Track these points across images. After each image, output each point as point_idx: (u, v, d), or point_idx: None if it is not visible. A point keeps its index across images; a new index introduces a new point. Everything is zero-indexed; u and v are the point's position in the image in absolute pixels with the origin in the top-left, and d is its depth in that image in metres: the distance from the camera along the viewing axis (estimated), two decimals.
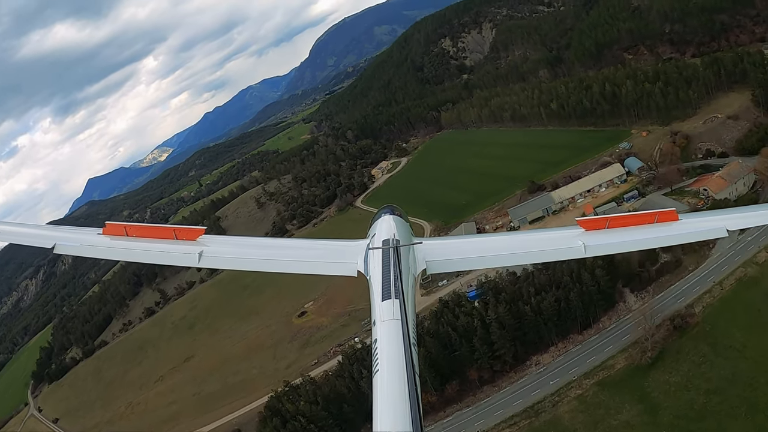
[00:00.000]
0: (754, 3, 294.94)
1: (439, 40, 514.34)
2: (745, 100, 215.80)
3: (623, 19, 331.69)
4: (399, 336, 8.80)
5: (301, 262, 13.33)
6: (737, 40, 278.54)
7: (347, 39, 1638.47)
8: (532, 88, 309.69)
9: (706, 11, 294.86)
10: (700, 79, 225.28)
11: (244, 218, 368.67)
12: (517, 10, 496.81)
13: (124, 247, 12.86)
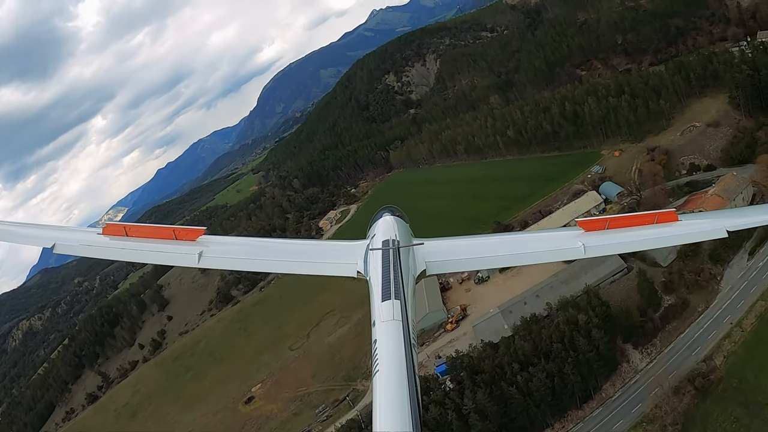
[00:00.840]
0: (707, 3, 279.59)
1: (383, 77, 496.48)
2: (721, 104, 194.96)
3: (571, 35, 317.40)
4: (399, 336, 8.75)
5: (301, 262, 12.90)
6: (695, 43, 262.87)
7: (294, 84, 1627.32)
8: (485, 116, 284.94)
9: (658, 17, 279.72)
10: (669, 87, 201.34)
11: (187, 286, 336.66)
12: (460, 38, 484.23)
13: (124, 247, 12.65)
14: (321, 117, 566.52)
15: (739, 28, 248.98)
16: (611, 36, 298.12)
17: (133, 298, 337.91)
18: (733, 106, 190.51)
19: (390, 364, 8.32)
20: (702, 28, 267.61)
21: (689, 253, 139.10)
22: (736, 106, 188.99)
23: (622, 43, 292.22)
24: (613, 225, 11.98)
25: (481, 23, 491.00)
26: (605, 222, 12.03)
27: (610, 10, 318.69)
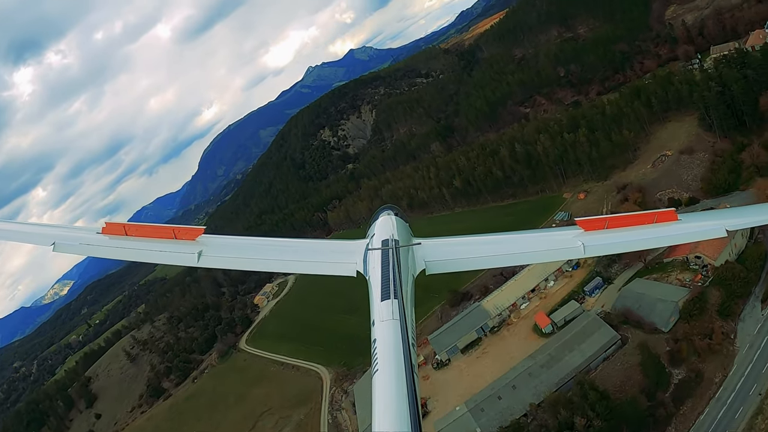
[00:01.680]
0: (649, 25, 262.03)
1: (318, 132, 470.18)
2: (690, 127, 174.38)
3: (510, 72, 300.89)
4: (398, 336, 8.72)
5: (301, 262, 13.03)
6: (642, 67, 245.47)
7: (234, 146, 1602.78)
8: (426, 166, 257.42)
9: (600, 44, 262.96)
10: (629, 115, 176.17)
11: (116, 377, 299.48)
12: (395, 86, 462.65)
13: (123, 247, 12.59)
14: (257, 179, 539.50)
15: (689, 45, 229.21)
16: (552, 69, 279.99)
17: (60, 393, 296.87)
18: (704, 128, 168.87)
19: (389, 364, 8.17)
20: (648, 51, 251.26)
21: (693, 311, 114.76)
22: (708, 128, 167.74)
23: (566, 75, 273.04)
24: (612, 224, 11.83)
25: (415, 70, 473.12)
26: (605, 222, 11.85)
27: (548, 43, 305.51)
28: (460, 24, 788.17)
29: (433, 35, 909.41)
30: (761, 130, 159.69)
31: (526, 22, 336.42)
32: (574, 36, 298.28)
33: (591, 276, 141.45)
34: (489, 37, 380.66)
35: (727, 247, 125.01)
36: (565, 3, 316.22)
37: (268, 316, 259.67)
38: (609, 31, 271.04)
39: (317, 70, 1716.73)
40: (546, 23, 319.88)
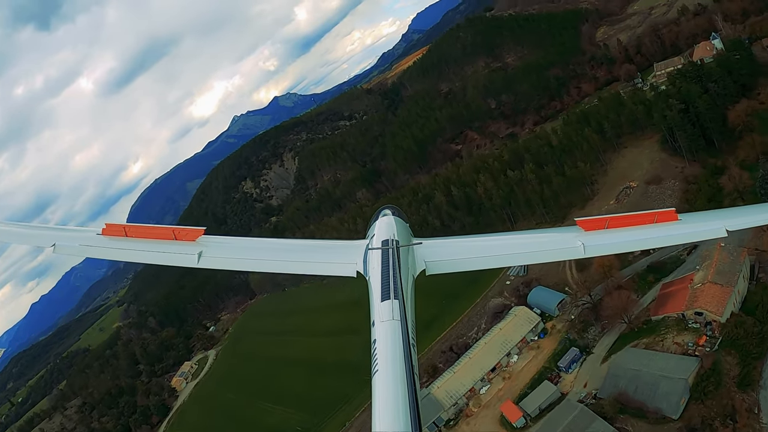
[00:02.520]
0: (582, 48, 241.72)
1: (240, 184, 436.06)
2: (652, 153, 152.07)
3: (438, 107, 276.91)
4: (398, 336, 8.66)
5: (301, 262, 12.90)
6: (580, 92, 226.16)
7: (162, 200, 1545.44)
8: (352, 216, 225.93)
9: (532, 72, 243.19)
10: (581, 145, 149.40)
11: None
12: (317, 131, 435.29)
13: (123, 248, 12.53)
14: None
15: (629, 64, 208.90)
16: (483, 101, 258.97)
17: None
18: (668, 151, 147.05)
19: (389, 364, 8.09)
20: (584, 74, 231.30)
21: (708, 387, 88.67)
22: (673, 151, 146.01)
23: (498, 107, 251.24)
24: (612, 224, 11.62)
25: (338, 113, 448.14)
26: (605, 221, 11.66)
27: (475, 74, 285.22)
28: (383, 65, 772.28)
29: (356, 78, 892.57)
30: (731, 148, 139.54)
31: (450, 54, 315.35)
32: (503, 66, 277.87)
33: (563, 345, 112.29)
34: (412, 73, 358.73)
35: (732, 296, 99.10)
36: (490, 33, 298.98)
37: (188, 402, 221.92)
38: (540, 57, 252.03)
39: (242, 119, 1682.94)
40: (471, 54, 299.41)
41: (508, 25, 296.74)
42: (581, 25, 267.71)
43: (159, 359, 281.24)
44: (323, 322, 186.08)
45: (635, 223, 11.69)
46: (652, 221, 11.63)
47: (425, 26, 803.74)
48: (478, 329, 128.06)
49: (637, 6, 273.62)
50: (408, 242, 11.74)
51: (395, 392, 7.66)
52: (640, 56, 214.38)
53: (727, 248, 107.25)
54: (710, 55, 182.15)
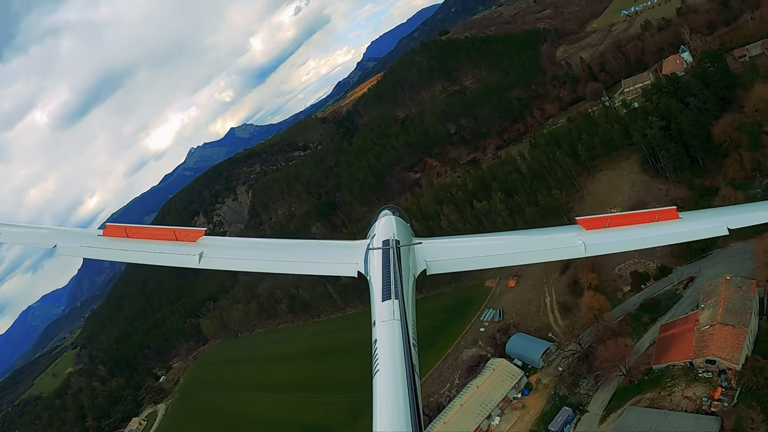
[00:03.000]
0: (542, 68, 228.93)
1: (193, 219, 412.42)
2: (632, 175, 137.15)
3: (394, 134, 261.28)
4: (399, 336, 8.52)
5: (302, 263, 12.46)
6: (544, 113, 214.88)
7: None
8: None
9: (492, 94, 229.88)
10: (555, 170, 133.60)
11: None
12: (271, 163, 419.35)
13: (124, 248, 12.33)
14: (130, 276, 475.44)
15: (595, 82, 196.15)
16: (441, 126, 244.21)
17: None
18: (649, 173, 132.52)
19: (390, 364, 7.97)
20: (547, 95, 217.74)
21: None
22: (655, 173, 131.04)
23: (458, 132, 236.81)
24: (613, 223, 11.39)
25: (292, 143, 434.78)
26: (605, 220, 11.41)
27: (433, 99, 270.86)
28: (338, 94, 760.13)
29: (313, 107, 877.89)
30: (717, 166, 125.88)
31: (406, 80, 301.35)
32: (461, 89, 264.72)
33: (553, 403, 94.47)
34: (367, 99, 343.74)
35: (746, 338, 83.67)
36: (446, 56, 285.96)
37: None
38: (499, 78, 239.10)
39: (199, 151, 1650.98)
40: (428, 79, 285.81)
41: (464, 47, 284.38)
42: (540, 45, 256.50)
43: (107, 414, 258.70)
44: (277, 375, 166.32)
45: (636, 222, 11.37)
46: (653, 220, 11.28)
47: (380, 54, 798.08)
48: (451, 386, 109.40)
49: (596, 24, 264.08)
50: (408, 242, 11.28)
51: (396, 392, 7.42)
52: (605, 74, 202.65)
53: (734, 281, 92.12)
54: (681, 68, 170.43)
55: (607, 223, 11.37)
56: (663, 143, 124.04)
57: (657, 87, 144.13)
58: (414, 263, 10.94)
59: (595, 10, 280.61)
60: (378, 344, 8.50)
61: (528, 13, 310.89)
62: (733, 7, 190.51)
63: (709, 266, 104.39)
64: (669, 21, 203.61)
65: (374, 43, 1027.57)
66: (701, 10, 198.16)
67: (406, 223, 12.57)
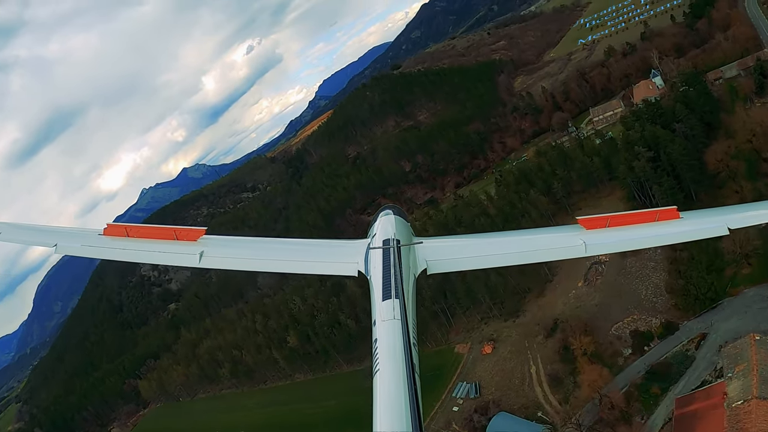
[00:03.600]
0: (501, 100, 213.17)
1: (137, 266, 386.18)
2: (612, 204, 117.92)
3: (345, 174, 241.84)
4: (399, 336, 8.33)
5: (303, 262, 12.31)
6: (505, 147, 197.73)
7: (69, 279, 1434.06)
8: (251, 310, 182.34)
9: (449, 128, 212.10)
10: (527, 212, 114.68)
11: None
12: (219, 205, 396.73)
13: (125, 248, 12.15)
14: (72, 326, 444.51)
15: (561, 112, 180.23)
16: (396, 164, 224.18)
17: None
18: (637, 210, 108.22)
19: (390, 363, 7.80)
20: (508, 127, 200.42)
21: None
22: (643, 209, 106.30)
23: (413, 170, 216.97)
24: (614, 223, 11.15)
25: (240, 184, 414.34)
26: (606, 220, 11.18)
27: (386, 135, 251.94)
28: (290, 133, 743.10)
29: (265, 146, 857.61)
30: (711, 198, 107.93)
31: (357, 116, 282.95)
32: (415, 124, 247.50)
33: None
34: (317, 137, 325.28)
35: None
36: (399, 90, 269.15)
37: None
38: (456, 112, 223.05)
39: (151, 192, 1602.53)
40: (380, 114, 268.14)
41: (417, 81, 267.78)
42: (497, 76, 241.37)
43: None
44: None
45: (636, 222, 11.14)
46: (654, 219, 11.03)
47: (332, 92, 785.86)
48: None
49: (553, 53, 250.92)
50: (409, 241, 11.04)
51: (396, 391, 7.27)
52: (569, 103, 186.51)
53: (765, 342, 72.66)
54: (654, 94, 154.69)
55: (607, 223, 11.04)
56: (653, 176, 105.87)
57: (637, 114, 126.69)
58: (414, 262, 10.66)
59: (551, 40, 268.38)
60: (378, 343, 8.28)
61: (482, 45, 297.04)
62: (701, 29, 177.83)
63: (722, 319, 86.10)
64: (634, 46, 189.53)
65: (326, 81, 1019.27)
66: (667, 34, 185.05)
67: (406, 223, 11.93)
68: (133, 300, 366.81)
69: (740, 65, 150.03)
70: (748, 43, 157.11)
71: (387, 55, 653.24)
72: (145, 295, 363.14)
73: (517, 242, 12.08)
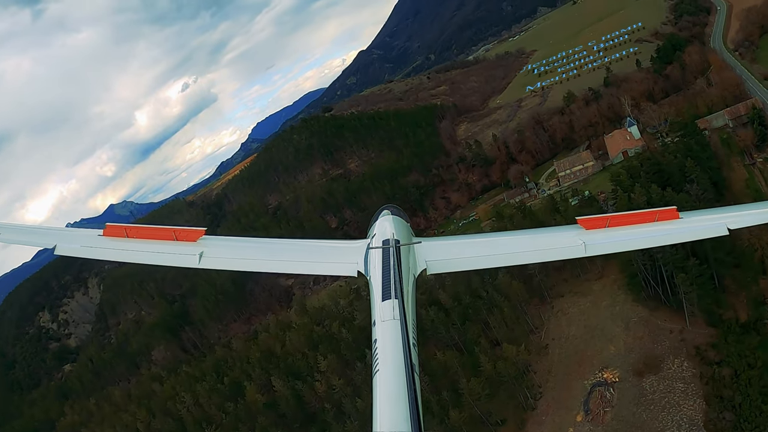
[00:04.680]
0: (445, 148, 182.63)
1: (37, 315, 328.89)
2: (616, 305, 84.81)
3: (263, 226, 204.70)
4: (399, 336, 8.10)
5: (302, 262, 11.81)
6: (449, 204, 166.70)
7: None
8: (138, 397, 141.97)
9: (383, 179, 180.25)
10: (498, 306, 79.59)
11: None
12: None
13: (125, 249, 11.76)
14: None
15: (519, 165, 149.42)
16: (320, 219, 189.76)
17: None
18: (646, 302, 79.88)
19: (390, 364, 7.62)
20: (453, 180, 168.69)
21: None
22: (654, 301, 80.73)
23: (340, 226, 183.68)
24: (613, 223, 10.81)
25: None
26: (606, 220, 10.84)
27: (311, 184, 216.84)
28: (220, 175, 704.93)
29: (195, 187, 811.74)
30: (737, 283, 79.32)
31: (281, 161, 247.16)
32: (344, 173, 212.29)
33: None
34: (237, 183, 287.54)
35: None
36: (329, 134, 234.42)
37: None
38: (391, 161, 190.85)
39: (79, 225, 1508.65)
40: (306, 160, 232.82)
41: (349, 125, 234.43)
42: (438, 122, 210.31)
43: None
44: None
45: (636, 222, 10.82)
46: (654, 219, 10.70)
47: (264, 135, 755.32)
48: None
49: (500, 99, 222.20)
50: (408, 241, 10.67)
51: (396, 391, 7.12)
52: (525, 153, 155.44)
53: None
54: (633, 146, 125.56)
55: (607, 223, 10.77)
56: (673, 258, 73.10)
57: (631, 170, 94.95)
58: (414, 263, 10.38)
59: (496, 86, 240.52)
60: (378, 344, 8.09)
61: (421, 90, 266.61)
62: (672, 75, 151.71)
63: None
64: (597, 92, 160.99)
65: (260, 124, 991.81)
66: (635, 80, 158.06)
67: (406, 223, 11.51)
68: (26, 355, 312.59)
69: (730, 114, 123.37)
70: (735, 90, 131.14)
71: (321, 100, 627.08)
72: (41, 351, 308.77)
73: (517, 242, 11.67)
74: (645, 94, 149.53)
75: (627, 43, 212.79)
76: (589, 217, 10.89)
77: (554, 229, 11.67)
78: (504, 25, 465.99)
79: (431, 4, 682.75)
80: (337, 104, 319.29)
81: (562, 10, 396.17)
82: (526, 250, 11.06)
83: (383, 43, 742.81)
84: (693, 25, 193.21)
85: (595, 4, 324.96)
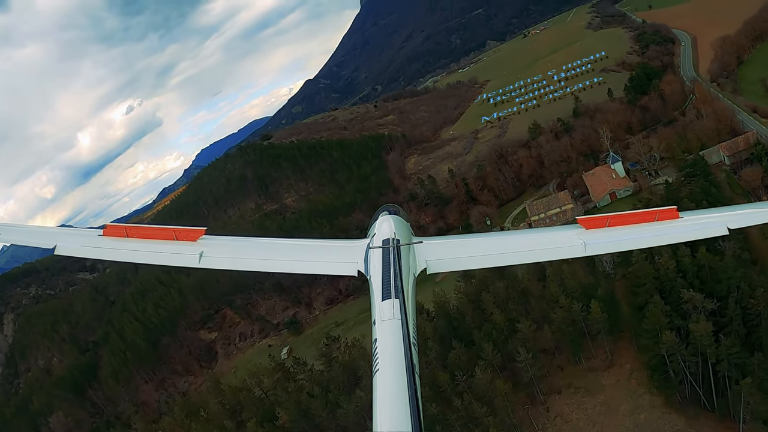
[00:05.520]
0: (393, 183, 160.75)
1: None
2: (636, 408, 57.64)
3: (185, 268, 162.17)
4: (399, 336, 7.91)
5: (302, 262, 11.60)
6: None
7: None
8: None
9: (324, 216, 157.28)
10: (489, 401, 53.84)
11: None
12: (51, 285, 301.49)
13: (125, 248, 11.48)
14: None
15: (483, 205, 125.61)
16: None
17: None
18: (686, 414, 56.63)
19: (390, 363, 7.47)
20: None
21: None
22: (695, 409, 57.38)
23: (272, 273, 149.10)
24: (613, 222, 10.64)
25: (80, 260, 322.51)
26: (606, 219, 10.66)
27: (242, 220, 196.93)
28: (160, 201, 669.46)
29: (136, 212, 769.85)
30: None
31: (211, 192, 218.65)
32: (280, 208, 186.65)
33: None
34: (164, 215, 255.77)
35: None
36: (265, 164, 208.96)
37: None
38: (333, 196, 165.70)
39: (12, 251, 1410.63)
40: (239, 192, 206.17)
41: (287, 154, 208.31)
42: (386, 154, 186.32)
43: None
44: None
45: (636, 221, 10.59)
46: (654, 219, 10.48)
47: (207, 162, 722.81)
48: None
49: (453, 130, 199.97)
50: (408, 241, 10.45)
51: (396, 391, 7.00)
52: (487, 192, 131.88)
53: None
54: (622, 186, 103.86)
55: (607, 222, 10.62)
56: (733, 354, 49.46)
57: None
58: (414, 262, 10.19)
59: (448, 116, 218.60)
60: (378, 343, 7.92)
61: (367, 119, 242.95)
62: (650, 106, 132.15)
63: None
64: (568, 124, 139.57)
65: (204, 150, 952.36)
66: (608, 110, 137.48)
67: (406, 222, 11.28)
68: None
69: (728, 149, 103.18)
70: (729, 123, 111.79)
71: (266, 128, 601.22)
72: None
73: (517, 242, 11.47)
74: (623, 127, 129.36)
75: (590, 73, 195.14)
76: (590, 216, 10.66)
77: (554, 228, 11.37)
78: (453, 58, 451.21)
79: (380, 36, 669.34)
80: (278, 132, 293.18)
81: (513, 42, 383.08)
82: (527, 249, 10.68)
83: (330, 73, 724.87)
84: (663, 54, 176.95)
85: (547, 37, 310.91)
